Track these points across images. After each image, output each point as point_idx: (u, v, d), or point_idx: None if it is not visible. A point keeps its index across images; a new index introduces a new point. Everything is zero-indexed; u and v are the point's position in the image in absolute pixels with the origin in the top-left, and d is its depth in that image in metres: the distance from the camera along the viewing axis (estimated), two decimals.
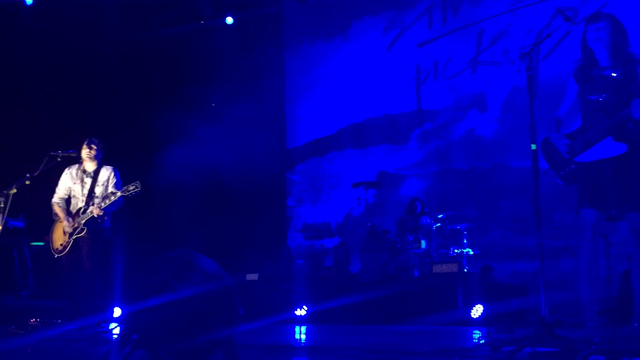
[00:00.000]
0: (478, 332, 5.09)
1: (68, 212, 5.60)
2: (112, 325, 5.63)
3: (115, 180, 5.65)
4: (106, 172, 5.67)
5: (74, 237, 5.43)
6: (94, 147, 5.68)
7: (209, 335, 2.28)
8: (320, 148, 10.22)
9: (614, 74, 3.64)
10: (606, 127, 3.55)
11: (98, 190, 5.57)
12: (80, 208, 5.55)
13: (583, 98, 3.75)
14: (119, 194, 5.36)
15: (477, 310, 6.15)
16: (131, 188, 5.33)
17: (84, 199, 5.56)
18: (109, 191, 5.52)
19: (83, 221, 5.45)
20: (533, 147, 3.36)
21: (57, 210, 5.63)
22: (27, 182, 5.56)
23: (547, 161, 3.82)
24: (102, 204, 5.41)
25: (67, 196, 5.70)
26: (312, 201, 10.22)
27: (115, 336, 4.73)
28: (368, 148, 9.75)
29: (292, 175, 10.50)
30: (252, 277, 7.70)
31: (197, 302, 2.28)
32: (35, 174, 5.57)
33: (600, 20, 3.65)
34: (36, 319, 5.93)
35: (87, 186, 5.61)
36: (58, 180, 5.77)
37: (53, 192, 5.76)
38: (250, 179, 9.25)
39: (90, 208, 5.44)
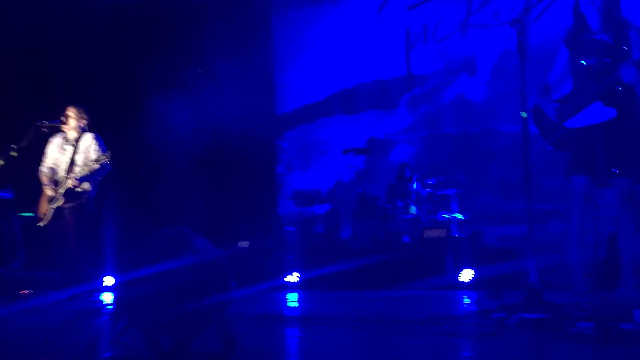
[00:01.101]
0: (467, 297, 5.16)
1: (53, 181, 5.56)
2: (104, 295, 5.65)
3: (96, 147, 5.53)
4: (87, 140, 5.57)
5: (52, 206, 5.40)
6: (70, 115, 5.58)
7: (200, 310, 2.29)
8: (310, 114, 10.15)
9: (605, 38, 3.62)
10: (595, 92, 3.54)
11: (79, 159, 5.50)
12: (61, 177, 5.50)
13: (574, 63, 3.73)
14: (90, 163, 5.31)
15: (466, 275, 6.22)
16: (102, 157, 5.28)
17: (65, 167, 5.51)
18: (91, 159, 5.45)
19: (61, 190, 5.40)
20: (523, 114, 3.35)
21: (42, 179, 5.59)
22: (14, 153, 5.49)
23: (538, 127, 3.82)
24: (78, 175, 5.35)
25: (54, 165, 5.64)
26: (302, 168, 10.20)
27: (109, 308, 4.75)
28: (358, 114, 9.70)
29: (281, 142, 10.46)
30: (243, 244, 7.73)
31: (189, 276, 2.29)
32: (22, 144, 5.50)
33: None
34: (27, 291, 5.93)
35: (69, 154, 5.54)
36: (45, 150, 5.70)
37: (40, 162, 5.70)
38: (239, 146, 9.21)
39: (67, 178, 5.39)
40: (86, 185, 5.47)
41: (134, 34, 8.89)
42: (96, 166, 5.35)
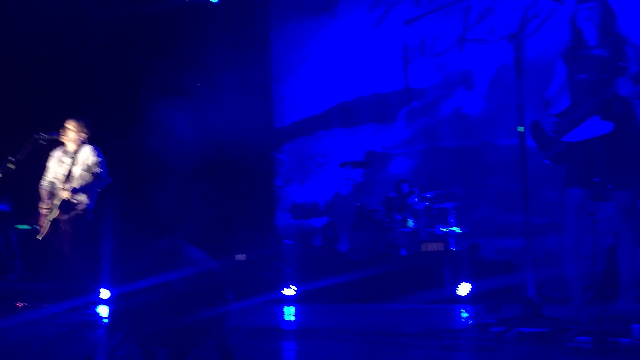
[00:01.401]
0: (465, 311, 5.14)
1: (51, 195, 5.55)
2: (100, 308, 5.63)
3: (94, 159, 5.48)
4: (85, 152, 5.55)
5: (49, 218, 5.39)
6: (69, 128, 5.58)
7: (198, 321, 2.28)
8: (308, 127, 10.18)
9: (602, 53, 3.64)
10: (593, 106, 3.56)
11: (76, 171, 5.46)
12: (58, 190, 5.49)
13: (571, 78, 3.75)
14: (83, 174, 5.29)
15: (464, 288, 6.21)
16: (93, 167, 5.25)
17: (63, 179, 5.50)
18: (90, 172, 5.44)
19: (56, 202, 5.39)
20: (521, 129, 3.37)
21: (42, 193, 5.59)
22: (11, 166, 5.48)
23: (536, 142, 3.83)
24: (72, 185, 5.34)
25: (54, 179, 5.64)
26: (300, 181, 10.21)
27: (105, 321, 4.73)
28: (356, 127, 9.73)
29: (280, 154, 10.47)
30: (241, 257, 7.72)
31: (186, 288, 2.28)
32: (20, 157, 5.50)
33: (593, 0, 3.64)
34: (23, 303, 5.91)
35: (66, 167, 5.53)
36: (43, 163, 5.70)
37: (38, 175, 5.70)
38: (238, 158, 9.22)
39: (62, 191, 5.37)
40: (82, 197, 5.45)
41: (135, 45, 8.92)
42: (88, 177, 5.32)
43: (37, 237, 5.46)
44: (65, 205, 5.37)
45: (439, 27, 9.08)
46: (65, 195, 5.31)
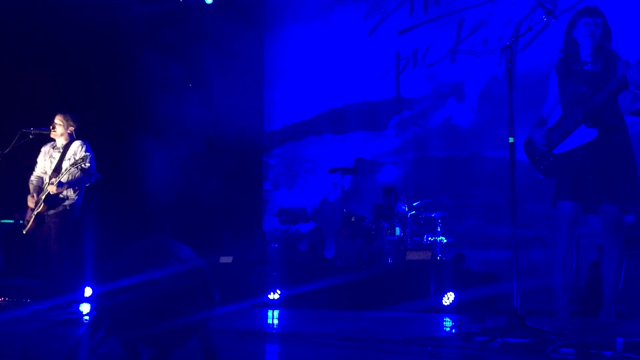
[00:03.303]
0: (449, 320, 5.15)
1: (39, 189, 5.50)
2: (83, 306, 5.58)
3: (82, 153, 5.41)
4: (74, 146, 5.50)
5: (35, 212, 5.33)
6: (57, 123, 5.54)
7: (183, 320, 2.26)
8: (298, 132, 10.19)
9: (594, 68, 3.68)
10: (580, 115, 3.59)
11: (65, 165, 5.41)
12: (45, 184, 5.45)
13: (563, 90, 3.79)
14: (67, 166, 5.24)
15: (448, 298, 6.22)
16: (79, 161, 5.20)
17: (50, 174, 5.45)
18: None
19: (42, 196, 5.34)
20: (511, 140, 3.39)
21: (30, 187, 5.54)
22: None
23: (529, 158, 3.86)
24: (60, 180, 5.28)
25: (42, 174, 5.59)
26: (288, 185, 10.20)
27: (86, 318, 4.68)
28: (346, 134, 9.75)
29: (269, 158, 10.47)
30: (226, 259, 7.68)
31: (172, 286, 2.26)
32: (6, 151, 5.45)
33: (599, 16, 3.66)
34: (5, 298, 5.84)
35: (55, 161, 5.49)
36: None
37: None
38: (226, 161, 9.19)
39: (49, 185, 5.32)
40: (70, 193, 5.40)
41: (127, 44, 8.89)
42: (76, 172, 5.28)
43: (23, 231, 5.40)
44: (51, 199, 5.32)
45: (432, 38, 9.14)
46: (51, 189, 5.26)
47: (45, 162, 5.58)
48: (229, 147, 9.12)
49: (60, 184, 5.28)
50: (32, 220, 5.34)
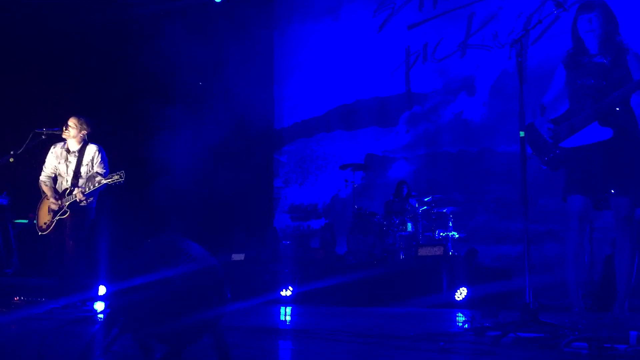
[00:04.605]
0: (462, 315, 5.14)
1: (55, 191, 5.54)
2: (97, 304, 5.62)
3: (99, 160, 5.52)
4: (91, 151, 5.55)
5: (57, 217, 5.39)
6: (71, 125, 5.58)
7: (196, 317, 2.27)
8: (309, 129, 10.19)
9: (604, 61, 3.65)
10: (593, 112, 3.56)
11: (83, 170, 5.49)
12: (67, 189, 5.49)
13: (572, 84, 3.76)
14: (104, 181, 5.26)
15: (461, 293, 6.20)
16: (115, 177, 5.24)
17: (69, 179, 5.50)
18: (95, 171, 5.46)
19: (67, 203, 5.40)
20: (522, 134, 3.37)
21: (44, 188, 5.58)
22: (11, 160, 5.49)
23: (531, 146, 3.83)
24: (86, 189, 5.33)
25: (53, 174, 5.63)
26: (299, 182, 10.21)
27: (100, 317, 4.72)
28: (356, 130, 9.74)
29: (279, 156, 10.48)
30: (238, 257, 7.71)
31: (184, 284, 2.27)
32: (19, 151, 5.50)
33: (593, 10, 3.64)
34: (20, 297, 5.90)
35: (72, 166, 5.53)
36: (42, 158, 5.70)
37: (37, 169, 5.70)
38: (238, 159, 9.22)
39: (75, 192, 5.37)
40: (90, 198, 5.48)
41: (138, 43, 8.92)
42: (106, 181, 5.32)
43: (41, 233, 5.46)
44: (74, 205, 5.39)
45: (442, 33, 9.10)
46: (79, 196, 5.32)
47: (60, 165, 5.61)
48: (240, 145, 9.14)
49: (89, 194, 5.35)
50: (53, 224, 5.40)
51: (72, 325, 3.77)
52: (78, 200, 5.34)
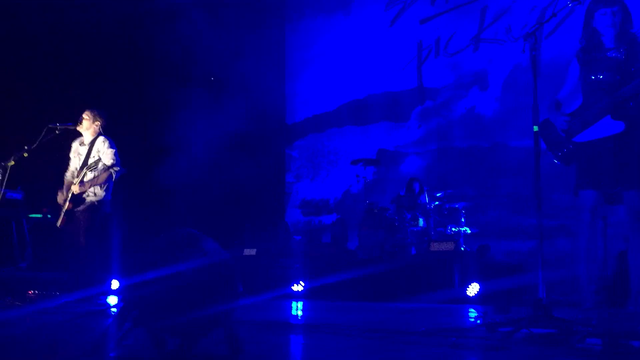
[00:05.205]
0: (474, 311, 5.13)
1: (67, 186, 5.60)
2: (110, 298, 5.67)
3: (107, 150, 5.52)
4: (99, 143, 5.57)
5: (64, 210, 5.44)
6: (85, 118, 5.63)
7: (208, 311, 2.29)
8: (320, 124, 10.18)
9: (617, 55, 3.62)
10: (605, 106, 3.53)
11: (91, 162, 5.50)
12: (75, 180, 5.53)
13: (585, 78, 3.73)
14: (87, 171, 5.32)
15: (473, 289, 6.18)
16: (115, 168, 5.31)
17: (78, 171, 5.54)
18: (102, 162, 5.47)
19: (68, 197, 5.43)
20: (535, 128, 3.35)
21: (65, 182, 5.67)
22: (25, 155, 5.54)
23: (545, 142, 3.81)
24: (80, 179, 5.37)
25: (75, 170, 5.69)
26: (310, 177, 10.21)
27: (113, 310, 4.76)
28: (368, 125, 9.72)
29: (291, 150, 10.48)
30: (250, 252, 7.73)
31: (197, 278, 2.29)
32: (34, 146, 5.55)
33: (615, 4, 3.60)
34: (34, 291, 5.96)
35: (82, 157, 5.58)
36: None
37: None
38: (249, 154, 9.23)
39: (72, 186, 5.42)
40: (97, 190, 5.50)
41: (150, 38, 8.95)
42: (99, 168, 5.36)
43: (57, 224, 5.52)
44: (76, 197, 5.42)
45: (455, 27, 9.04)
46: (74, 189, 5.37)
47: (74, 159, 5.67)
48: (251, 141, 9.15)
49: (81, 184, 5.38)
50: (62, 216, 5.45)
51: (86, 318, 3.81)
52: (74, 192, 5.38)
